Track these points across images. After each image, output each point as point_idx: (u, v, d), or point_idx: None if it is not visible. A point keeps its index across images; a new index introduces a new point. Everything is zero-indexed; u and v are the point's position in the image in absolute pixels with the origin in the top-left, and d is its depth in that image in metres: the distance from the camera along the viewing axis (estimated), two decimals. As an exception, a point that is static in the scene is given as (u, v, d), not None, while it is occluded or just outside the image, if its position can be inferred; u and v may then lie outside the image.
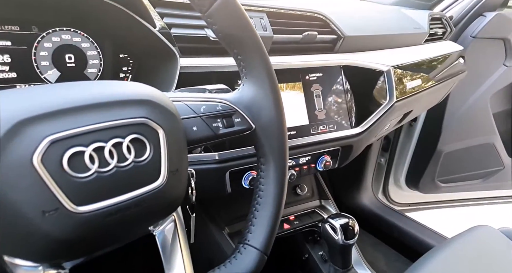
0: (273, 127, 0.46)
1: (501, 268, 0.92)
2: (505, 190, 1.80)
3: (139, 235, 0.39)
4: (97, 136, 0.32)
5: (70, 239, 0.30)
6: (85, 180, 0.31)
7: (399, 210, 1.58)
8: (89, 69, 0.62)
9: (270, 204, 0.46)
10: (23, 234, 0.29)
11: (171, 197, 0.37)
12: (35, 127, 0.29)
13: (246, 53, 0.45)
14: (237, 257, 0.44)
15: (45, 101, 0.31)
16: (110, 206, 0.32)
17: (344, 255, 0.71)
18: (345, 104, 0.80)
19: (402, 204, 1.76)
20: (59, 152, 0.30)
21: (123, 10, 0.56)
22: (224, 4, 0.41)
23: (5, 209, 0.28)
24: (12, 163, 0.28)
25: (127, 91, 0.36)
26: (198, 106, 0.44)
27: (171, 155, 0.36)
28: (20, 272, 0.31)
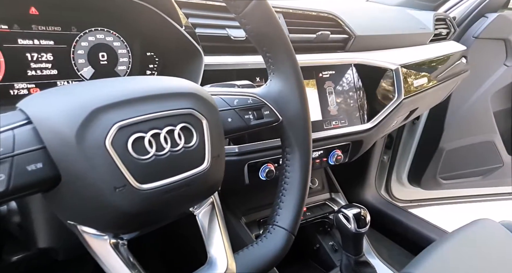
0: (299, 119, 0.51)
1: (502, 260, 0.96)
2: (505, 187, 1.84)
3: (184, 214, 0.43)
4: (154, 124, 0.36)
5: (134, 212, 0.34)
6: (146, 161, 0.35)
7: (401, 206, 1.62)
8: (119, 66, 0.66)
9: (296, 190, 0.50)
10: (97, 206, 0.33)
11: (213, 179, 0.41)
12: (106, 115, 0.33)
13: (274, 51, 0.49)
14: (267, 236, 0.48)
15: (113, 92, 0.35)
16: (166, 185, 0.36)
17: (356, 243, 0.74)
18: (356, 100, 0.85)
19: (404, 200, 1.80)
20: (125, 137, 0.34)
21: (154, 10, 0.60)
22: (257, 6, 0.45)
23: (84, 186, 0.32)
24: (90, 145, 0.32)
25: (176, 85, 0.40)
26: (232, 100, 0.48)
27: (213, 142, 0.40)
28: (89, 239, 0.35)
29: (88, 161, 0.32)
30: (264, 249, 0.47)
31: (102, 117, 0.33)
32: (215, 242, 0.44)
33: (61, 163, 0.32)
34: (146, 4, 0.58)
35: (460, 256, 0.97)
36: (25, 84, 0.56)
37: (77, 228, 0.35)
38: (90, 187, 0.33)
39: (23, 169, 0.30)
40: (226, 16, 0.73)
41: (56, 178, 0.32)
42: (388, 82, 0.89)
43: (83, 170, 0.32)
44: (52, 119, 0.32)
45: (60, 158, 0.32)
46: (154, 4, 0.59)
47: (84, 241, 0.36)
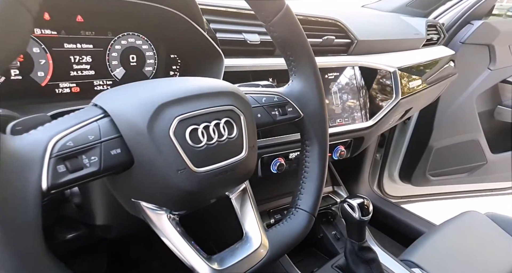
0: (318, 115, 0.57)
1: (487, 249, 1.05)
2: (488, 183, 1.95)
3: (222, 197, 0.50)
4: (206, 118, 0.42)
5: (191, 191, 0.41)
6: (199, 149, 0.41)
7: (393, 202, 1.71)
8: (146, 68, 0.72)
9: (315, 178, 0.57)
10: (162, 186, 0.39)
11: (250, 166, 0.48)
12: (169, 109, 0.39)
13: (297, 55, 0.56)
14: (291, 218, 0.55)
15: (172, 91, 0.41)
16: (216, 169, 0.42)
17: (359, 230, 0.81)
18: (358, 100, 0.92)
19: (395, 196, 1.89)
20: (183, 128, 0.40)
21: (181, 16, 0.66)
22: (285, 15, 0.52)
23: (152, 169, 0.38)
24: (158, 135, 0.38)
25: (219, 85, 0.46)
26: (260, 98, 0.54)
27: (249, 134, 0.47)
28: (151, 213, 0.41)
29: (157, 148, 0.38)
30: (289, 228, 0.54)
31: (166, 112, 0.39)
32: (249, 221, 0.50)
33: (134, 149, 0.38)
34: (176, 12, 0.64)
35: (451, 243, 1.06)
36: (67, 84, 0.61)
37: (140, 204, 0.41)
38: (157, 169, 0.39)
39: (108, 153, 0.36)
40: (243, 22, 0.80)
41: (130, 162, 0.38)
42: (386, 84, 0.97)
43: (152, 155, 0.38)
44: (127, 113, 0.38)
45: (134, 145, 0.38)
46: (183, 11, 0.65)
47: (146, 215, 0.42)
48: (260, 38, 0.79)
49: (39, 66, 0.57)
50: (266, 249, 0.48)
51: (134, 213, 0.45)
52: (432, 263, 0.96)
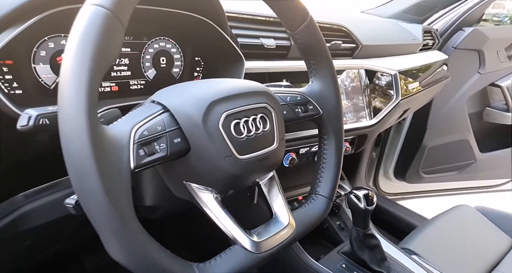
0: (335, 113, 0.65)
1: (477, 238, 1.14)
2: (477, 180, 2.03)
3: (254, 183, 0.57)
4: (246, 113, 0.49)
5: (235, 174, 0.48)
6: (241, 140, 0.48)
7: (388, 198, 1.79)
8: (174, 69, 0.78)
9: (332, 167, 0.65)
10: (213, 170, 0.47)
11: (279, 156, 0.55)
12: (218, 106, 0.47)
13: (317, 59, 0.63)
14: (312, 202, 0.62)
15: (219, 90, 0.49)
16: (254, 157, 0.50)
17: (364, 219, 0.89)
18: (362, 100, 1.00)
19: (390, 193, 1.97)
20: (229, 122, 0.47)
21: (209, 23, 0.72)
22: (309, 25, 0.59)
23: (205, 155, 0.46)
24: (210, 127, 0.45)
25: (254, 86, 0.54)
26: (285, 97, 0.61)
27: (279, 128, 0.54)
28: (200, 193, 0.48)
29: (209, 138, 0.45)
30: (310, 211, 0.61)
31: (216, 108, 0.47)
32: (277, 204, 0.57)
33: (191, 138, 0.45)
34: (205, 19, 0.71)
35: (444, 233, 1.14)
36: (109, 83, 0.68)
37: (190, 186, 0.49)
38: (209, 156, 0.46)
39: (172, 142, 0.43)
40: (260, 27, 0.87)
41: (188, 149, 0.45)
42: (387, 85, 1.05)
43: (206, 144, 0.45)
44: (185, 109, 0.45)
45: (191, 135, 0.45)
46: (211, 18, 0.72)
47: (195, 195, 0.49)
48: (276, 43, 0.87)
49: None
50: (293, 228, 0.55)
51: (181, 194, 0.52)
52: (428, 250, 1.04)
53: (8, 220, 0.51)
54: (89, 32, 0.34)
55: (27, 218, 0.52)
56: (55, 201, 0.54)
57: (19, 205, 0.52)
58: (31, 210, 0.52)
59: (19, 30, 0.47)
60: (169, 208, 0.61)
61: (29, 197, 0.53)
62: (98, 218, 0.35)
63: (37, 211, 0.53)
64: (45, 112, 0.40)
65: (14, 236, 0.52)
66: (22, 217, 0.52)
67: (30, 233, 0.54)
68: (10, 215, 0.51)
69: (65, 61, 0.34)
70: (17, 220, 0.52)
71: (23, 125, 0.40)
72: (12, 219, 0.51)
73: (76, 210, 0.41)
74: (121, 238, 0.36)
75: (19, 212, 0.52)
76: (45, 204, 0.53)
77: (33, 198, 0.53)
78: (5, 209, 0.52)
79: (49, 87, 0.60)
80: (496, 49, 1.68)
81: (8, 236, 0.52)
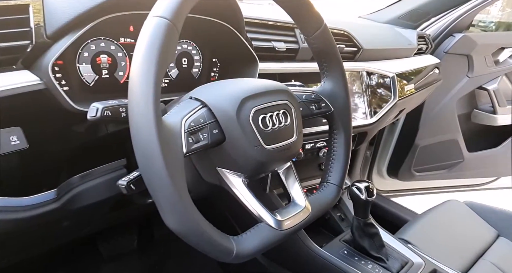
0: (345, 110, 0.72)
1: (466, 230, 1.22)
2: (464, 179, 2.10)
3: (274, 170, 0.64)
4: (271, 109, 0.57)
5: (262, 161, 0.55)
6: (267, 132, 0.55)
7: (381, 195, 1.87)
8: (193, 69, 0.85)
9: (342, 159, 0.72)
10: (244, 157, 0.54)
11: (297, 147, 0.62)
12: (248, 102, 0.54)
13: (329, 62, 0.71)
14: (324, 189, 0.70)
15: (249, 88, 0.56)
16: (278, 147, 0.57)
17: (365, 209, 0.96)
18: (363, 100, 1.08)
19: (383, 191, 2.05)
20: (258, 116, 0.54)
21: (229, 27, 0.79)
22: (323, 31, 0.66)
23: (238, 144, 0.53)
24: (242, 120, 0.53)
25: (276, 85, 0.61)
26: (301, 95, 0.69)
27: (298, 123, 0.62)
28: (231, 177, 0.55)
29: (242, 129, 0.53)
30: (323, 197, 0.69)
31: (247, 104, 0.54)
32: (295, 190, 0.65)
33: (226, 130, 0.52)
34: (225, 24, 0.78)
35: (436, 226, 1.22)
36: (138, 82, 0.74)
37: (222, 171, 0.56)
38: (241, 145, 0.53)
39: (212, 132, 0.50)
40: (272, 32, 0.94)
41: (223, 139, 0.52)
42: (386, 87, 1.13)
43: (239, 135, 0.53)
44: (221, 104, 0.53)
45: (226, 127, 0.52)
46: (230, 23, 0.78)
47: (226, 179, 0.56)
48: (286, 46, 0.94)
49: (120, 67, 0.70)
50: (309, 211, 0.63)
51: (211, 179, 0.59)
52: (421, 241, 1.11)
53: (66, 199, 0.58)
54: (154, 39, 0.42)
55: (79, 198, 0.59)
56: (100, 184, 0.61)
57: (74, 186, 0.59)
58: (83, 191, 0.59)
59: (76, 36, 0.54)
60: (199, 192, 0.68)
61: (83, 178, 0.60)
62: (159, 192, 0.42)
63: (87, 192, 0.59)
64: (108, 105, 0.47)
65: (63, 215, 0.58)
66: (76, 196, 0.58)
67: (79, 212, 0.60)
68: (67, 194, 0.58)
69: (135, 63, 0.41)
70: (72, 199, 0.58)
71: (92, 116, 0.46)
72: (68, 197, 0.58)
73: (127, 190, 0.48)
74: (177, 209, 0.43)
75: (74, 192, 0.58)
76: (94, 185, 0.60)
77: (85, 180, 0.60)
78: (63, 189, 0.58)
79: (89, 84, 0.66)
80: (484, 54, 1.76)
81: (60, 215, 0.58)
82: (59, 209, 0.57)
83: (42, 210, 0.55)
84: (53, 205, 0.56)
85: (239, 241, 0.51)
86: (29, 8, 0.52)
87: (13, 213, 0.51)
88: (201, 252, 0.47)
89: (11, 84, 0.49)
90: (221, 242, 0.48)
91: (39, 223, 0.56)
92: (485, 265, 1.06)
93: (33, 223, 0.54)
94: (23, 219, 0.52)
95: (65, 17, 0.53)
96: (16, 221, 0.52)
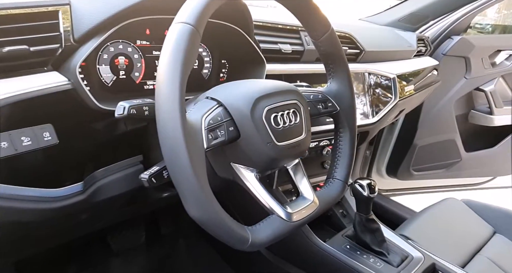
0: (350, 109, 0.76)
1: (463, 227, 1.26)
2: (461, 178, 2.14)
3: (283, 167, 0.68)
4: (282, 108, 0.60)
5: (274, 157, 0.59)
6: (279, 129, 0.59)
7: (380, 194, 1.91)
8: (203, 70, 0.88)
9: (347, 156, 0.76)
10: (257, 153, 0.57)
11: (306, 145, 0.66)
12: (261, 101, 0.57)
13: (336, 64, 0.74)
14: (330, 185, 0.74)
15: (261, 88, 0.59)
16: (288, 144, 0.60)
17: (367, 205, 0.99)
18: (365, 100, 1.12)
19: (382, 190, 2.08)
20: (270, 115, 0.58)
21: (238, 30, 0.82)
22: (330, 35, 0.70)
23: (251, 141, 0.56)
24: (256, 118, 0.56)
25: (287, 85, 0.65)
26: (309, 95, 0.72)
27: (307, 121, 0.65)
28: (244, 172, 0.59)
29: (255, 127, 0.56)
30: (330, 191, 0.72)
31: (260, 103, 0.57)
32: (303, 185, 0.68)
33: (241, 127, 0.56)
34: (235, 27, 0.81)
35: (434, 222, 1.26)
36: (152, 81, 0.77)
37: (237, 166, 0.59)
38: (255, 142, 0.57)
39: (228, 129, 0.54)
40: (278, 34, 0.98)
41: (238, 136, 0.56)
42: (387, 87, 1.17)
43: (253, 132, 0.56)
44: (236, 103, 0.56)
45: (241, 125, 0.56)
46: (240, 26, 0.82)
47: (240, 174, 0.59)
48: (291, 48, 0.98)
49: (136, 68, 0.73)
50: (317, 204, 0.66)
51: (224, 174, 0.62)
52: (420, 237, 1.15)
53: (90, 191, 0.61)
54: (179, 43, 0.45)
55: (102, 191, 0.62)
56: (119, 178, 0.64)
57: (97, 179, 0.62)
58: (105, 184, 0.63)
59: (100, 40, 0.58)
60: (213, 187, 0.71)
61: (105, 172, 0.63)
62: (183, 183, 0.45)
63: (108, 185, 0.63)
64: (134, 104, 0.51)
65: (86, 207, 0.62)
66: (99, 189, 0.62)
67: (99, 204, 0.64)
68: (91, 187, 0.61)
69: (162, 65, 0.45)
70: (95, 192, 0.62)
71: (120, 113, 0.50)
72: (92, 190, 0.61)
73: (149, 183, 0.52)
74: (199, 199, 0.46)
75: (97, 185, 0.62)
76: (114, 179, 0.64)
77: (106, 174, 0.63)
78: (88, 182, 0.62)
79: (108, 84, 0.69)
80: (481, 56, 1.80)
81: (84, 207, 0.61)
82: (84, 201, 0.61)
83: (70, 201, 0.58)
84: (80, 197, 0.60)
85: (253, 231, 0.55)
86: (58, 14, 0.55)
87: (45, 203, 0.55)
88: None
89: (43, 84, 0.53)
90: (238, 231, 0.52)
91: (63, 215, 0.59)
92: (482, 260, 1.09)
93: (60, 213, 0.58)
94: (53, 209, 0.56)
95: (90, 22, 0.57)
96: (47, 210, 0.55)
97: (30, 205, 0.53)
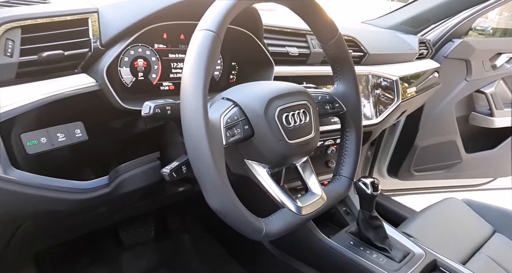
0: (356, 110, 0.80)
1: (463, 226, 1.30)
2: (462, 179, 2.17)
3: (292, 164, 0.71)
4: (293, 108, 0.64)
5: (286, 155, 0.63)
6: (290, 128, 0.63)
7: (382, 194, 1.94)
8: (215, 72, 0.92)
9: (353, 154, 0.80)
10: (269, 150, 0.61)
11: (315, 143, 0.70)
12: (274, 102, 0.61)
13: (343, 66, 0.78)
14: (336, 182, 0.77)
15: (274, 89, 0.63)
16: (299, 142, 0.64)
17: (370, 203, 1.03)
18: (369, 101, 1.16)
19: (383, 190, 2.10)
20: (282, 115, 0.62)
21: (249, 34, 0.86)
22: (338, 39, 0.74)
23: (265, 139, 0.60)
24: (269, 118, 0.60)
25: (297, 87, 0.69)
26: (317, 96, 0.76)
27: (315, 121, 0.69)
28: (257, 168, 0.63)
29: (268, 126, 0.60)
30: (336, 187, 0.76)
31: (272, 103, 0.61)
32: (311, 181, 0.72)
33: (255, 126, 0.60)
34: (246, 31, 0.85)
35: (435, 221, 1.30)
36: (168, 83, 0.81)
37: (250, 162, 0.63)
38: (268, 140, 0.61)
39: (243, 128, 0.58)
40: (286, 38, 1.02)
41: (252, 134, 0.60)
42: (389, 89, 1.21)
43: (266, 130, 0.60)
44: (250, 103, 0.60)
45: (255, 124, 0.60)
46: (251, 30, 0.86)
47: (253, 169, 0.63)
48: (298, 51, 1.02)
49: (153, 70, 0.77)
50: (325, 199, 0.70)
51: (238, 170, 0.66)
52: (422, 234, 1.18)
53: (115, 184, 0.65)
54: (202, 49, 0.49)
55: (124, 184, 0.67)
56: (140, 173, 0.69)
57: (120, 173, 0.67)
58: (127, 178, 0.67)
59: (125, 45, 0.62)
60: None
61: (127, 167, 0.68)
62: (205, 177, 0.49)
63: (130, 179, 0.67)
64: (158, 104, 0.54)
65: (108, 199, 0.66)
66: (122, 182, 0.66)
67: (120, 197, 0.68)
68: (115, 180, 0.66)
69: (187, 69, 0.49)
70: (119, 185, 0.66)
71: (146, 112, 0.54)
72: (116, 183, 0.66)
73: (170, 177, 0.56)
74: (219, 191, 0.50)
75: (120, 178, 0.66)
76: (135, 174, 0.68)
77: (128, 169, 0.67)
78: (112, 176, 0.66)
79: (127, 85, 0.73)
80: (481, 59, 1.83)
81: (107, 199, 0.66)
82: (109, 193, 0.65)
83: (97, 193, 0.63)
84: (105, 189, 0.65)
85: (267, 222, 0.58)
86: (88, 21, 0.60)
87: (75, 194, 0.59)
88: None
89: (75, 85, 0.58)
90: (254, 222, 0.55)
91: (89, 206, 0.64)
92: (482, 258, 1.13)
93: (87, 204, 0.62)
94: (83, 200, 0.60)
95: (116, 28, 0.62)
96: (77, 201, 0.60)
97: (62, 195, 0.57)
